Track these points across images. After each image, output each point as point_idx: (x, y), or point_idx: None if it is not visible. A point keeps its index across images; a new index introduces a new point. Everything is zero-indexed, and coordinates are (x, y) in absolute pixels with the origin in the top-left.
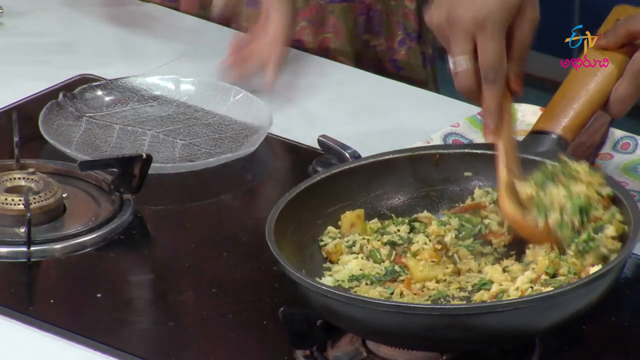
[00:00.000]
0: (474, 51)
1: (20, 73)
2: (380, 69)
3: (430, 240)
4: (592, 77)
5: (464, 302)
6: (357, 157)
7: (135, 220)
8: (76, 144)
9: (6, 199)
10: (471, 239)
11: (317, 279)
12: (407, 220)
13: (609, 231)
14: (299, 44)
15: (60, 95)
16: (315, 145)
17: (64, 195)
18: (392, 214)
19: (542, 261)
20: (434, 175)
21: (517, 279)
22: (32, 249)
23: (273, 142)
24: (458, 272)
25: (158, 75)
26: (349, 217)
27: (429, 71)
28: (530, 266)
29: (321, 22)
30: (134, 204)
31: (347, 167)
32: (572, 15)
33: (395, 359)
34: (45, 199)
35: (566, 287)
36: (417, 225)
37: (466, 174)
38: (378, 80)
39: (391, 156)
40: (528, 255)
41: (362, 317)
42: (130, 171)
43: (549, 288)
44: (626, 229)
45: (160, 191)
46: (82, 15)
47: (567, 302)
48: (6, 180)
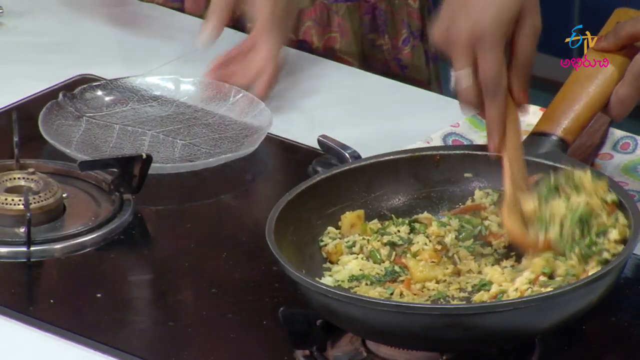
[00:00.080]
0: (475, 65)
1: (20, 73)
2: (386, 68)
3: (430, 241)
4: (592, 79)
5: (464, 302)
6: (357, 157)
7: (135, 220)
8: (76, 144)
9: (6, 199)
10: (471, 240)
11: (317, 279)
12: (407, 221)
13: (613, 235)
14: (304, 44)
15: (60, 95)
16: (315, 145)
17: (64, 195)
18: (393, 215)
19: (538, 261)
20: (434, 176)
21: (516, 280)
22: (32, 249)
23: (273, 142)
24: (458, 273)
25: (158, 75)
26: (349, 217)
27: (432, 69)
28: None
29: (326, 22)
30: (134, 204)
31: (347, 167)
32: (572, 15)
33: (395, 359)
34: (45, 199)
35: (566, 288)
36: (417, 226)
37: (467, 175)
38: (378, 81)
39: (392, 157)
40: (524, 263)
41: (361, 317)
42: (130, 171)
43: (548, 289)
44: (629, 232)
45: (160, 191)
46: (82, 15)
47: (566, 302)
48: (6, 180)
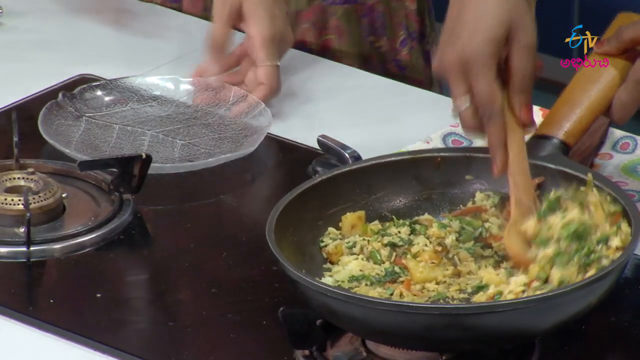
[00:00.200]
0: (471, 90)
1: (20, 73)
2: (385, 69)
3: (430, 242)
4: (594, 83)
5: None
6: (356, 157)
7: (135, 220)
8: (75, 144)
9: (6, 199)
10: (472, 242)
11: (317, 279)
12: (407, 223)
13: (614, 242)
14: (301, 45)
15: (60, 95)
16: (315, 145)
17: (64, 195)
18: (393, 216)
19: (532, 268)
20: (435, 178)
21: (510, 282)
22: (31, 249)
23: (273, 142)
24: (458, 274)
25: (158, 75)
26: (349, 218)
27: (431, 71)
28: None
29: (323, 24)
30: (134, 204)
31: (348, 168)
32: (572, 15)
33: (395, 359)
34: (44, 199)
35: (566, 288)
36: (417, 227)
37: (467, 177)
38: (378, 80)
39: (393, 158)
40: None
41: (361, 317)
42: (129, 171)
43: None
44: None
45: (159, 191)
46: (81, 15)
47: (566, 303)
48: (6, 180)
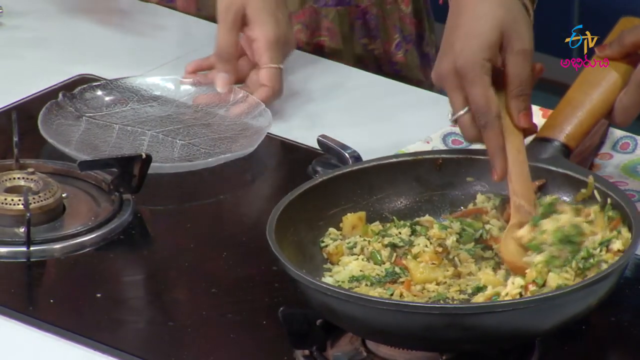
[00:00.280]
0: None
1: (20, 73)
2: (379, 72)
3: (431, 243)
4: (596, 87)
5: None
6: (356, 157)
7: (135, 220)
8: (75, 144)
9: (6, 199)
10: (472, 243)
11: (317, 279)
12: (408, 224)
13: (616, 245)
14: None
15: (60, 95)
16: (315, 145)
17: (64, 195)
18: (394, 217)
19: (529, 272)
20: (436, 179)
21: (507, 284)
22: (31, 248)
23: (273, 142)
24: (458, 275)
25: (158, 76)
26: (350, 219)
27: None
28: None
29: (315, 26)
30: (134, 204)
31: (349, 169)
32: (572, 15)
33: (395, 359)
34: (44, 199)
35: (566, 289)
36: (418, 228)
37: (468, 179)
38: (378, 80)
39: (394, 160)
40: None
41: (361, 316)
42: (129, 171)
43: None
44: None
45: (159, 191)
46: (81, 15)
47: (566, 304)
48: (6, 180)
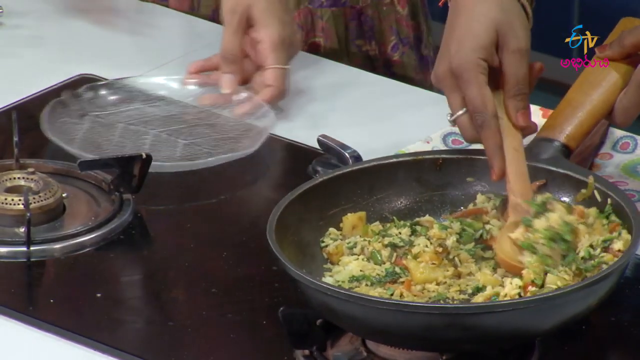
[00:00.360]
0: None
1: (20, 73)
2: (374, 73)
3: (431, 243)
4: (596, 87)
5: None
6: (356, 157)
7: (135, 220)
8: (79, 142)
9: (6, 199)
10: (472, 243)
11: (317, 278)
12: (408, 224)
13: (616, 246)
14: None
15: (65, 93)
16: (315, 145)
17: (64, 195)
18: (394, 217)
19: (526, 274)
20: (436, 179)
21: (505, 285)
22: (31, 248)
23: (273, 142)
24: (458, 275)
25: (163, 76)
26: (350, 219)
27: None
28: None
29: (311, 27)
30: (134, 203)
31: (349, 169)
32: (572, 15)
33: (395, 359)
34: (45, 199)
35: (566, 289)
36: (418, 228)
37: (469, 179)
38: (378, 80)
39: (394, 160)
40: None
41: (361, 316)
42: (130, 171)
43: None
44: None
45: (160, 191)
46: (81, 16)
47: (566, 303)
48: (6, 180)
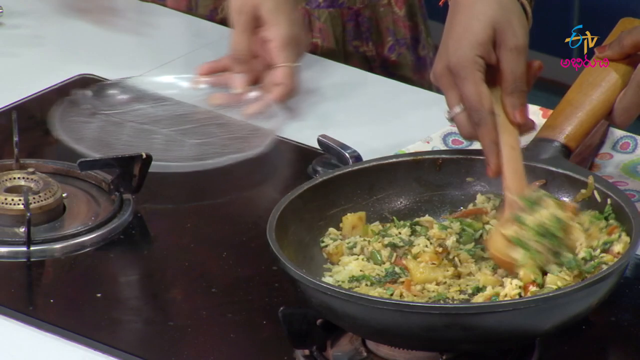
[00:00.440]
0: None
1: (21, 73)
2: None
3: (431, 243)
4: (596, 87)
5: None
6: (356, 157)
7: (135, 220)
8: (89, 142)
9: (6, 199)
10: (472, 244)
11: (317, 278)
12: (408, 224)
13: (616, 248)
14: None
15: (74, 93)
16: (315, 145)
17: (64, 195)
18: (394, 217)
19: (525, 274)
20: (436, 180)
21: (505, 285)
22: (31, 248)
23: (273, 142)
24: (458, 276)
25: (174, 75)
26: (350, 219)
27: (428, 76)
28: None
29: (308, 27)
30: (134, 203)
31: (349, 169)
32: (572, 15)
33: (395, 359)
34: (45, 199)
35: (567, 289)
36: (418, 228)
37: (468, 179)
38: (378, 80)
39: (394, 160)
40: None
41: (361, 316)
42: (129, 171)
43: None
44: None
45: (160, 191)
46: (81, 16)
47: (567, 304)
48: (6, 180)
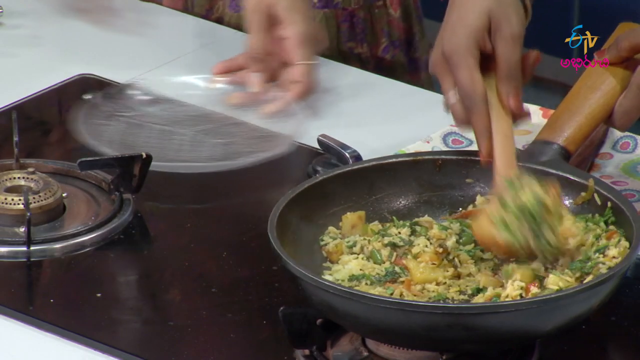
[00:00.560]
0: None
1: (20, 73)
2: None
3: (431, 244)
4: (595, 91)
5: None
6: (357, 156)
7: (135, 220)
8: (112, 144)
9: (6, 199)
10: (472, 244)
11: (319, 276)
12: (408, 224)
13: (611, 252)
14: None
15: (94, 95)
16: (315, 145)
17: (64, 195)
18: (394, 217)
19: (525, 272)
20: (436, 180)
21: (507, 287)
22: (31, 248)
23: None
24: (458, 276)
25: (194, 75)
26: (350, 218)
27: (424, 77)
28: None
29: None
30: (134, 203)
31: (349, 169)
32: (572, 15)
33: (395, 359)
34: (45, 199)
35: (569, 290)
36: (418, 228)
37: (468, 180)
38: (378, 80)
39: (394, 160)
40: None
41: (363, 314)
42: (129, 171)
43: None
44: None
45: (160, 191)
46: (81, 16)
47: (568, 305)
48: (6, 180)
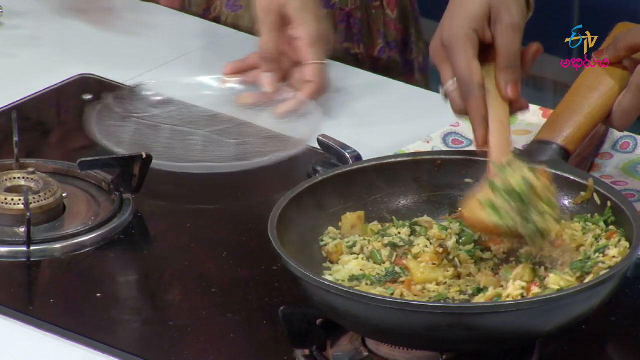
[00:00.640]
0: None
1: (20, 73)
2: None
3: (431, 244)
4: (594, 91)
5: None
6: (357, 156)
7: (135, 220)
8: (127, 145)
9: (6, 199)
10: (472, 244)
11: (319, 276)
12: (407, 224)
13: (611, 252)
14: None
15: (108, 96)
16: (315, 145)
17: (64, 195)
18: (393, 217)
19: (525, 272)
20: (435, 180)
21: (508, 286)
22: (31, 248)
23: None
24: (458, 276)
25: (209, 75)
26: (349, 218)
27: (418, 79)
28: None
29: None
30: (134, 203)
31: (349, 169)
32: (572, 15)
33: (395, 359)
34: (45, 199)
35: (570, 290)
36: (418, 228)
37: (467, 180)
38: (378, 80)
39: (393, 160)
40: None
41: (364, 314)
42: (130, 171)
43: None
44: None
45: (160, 191)
46: (81, 15)
47: (569, 305)
48: (6, 180)
